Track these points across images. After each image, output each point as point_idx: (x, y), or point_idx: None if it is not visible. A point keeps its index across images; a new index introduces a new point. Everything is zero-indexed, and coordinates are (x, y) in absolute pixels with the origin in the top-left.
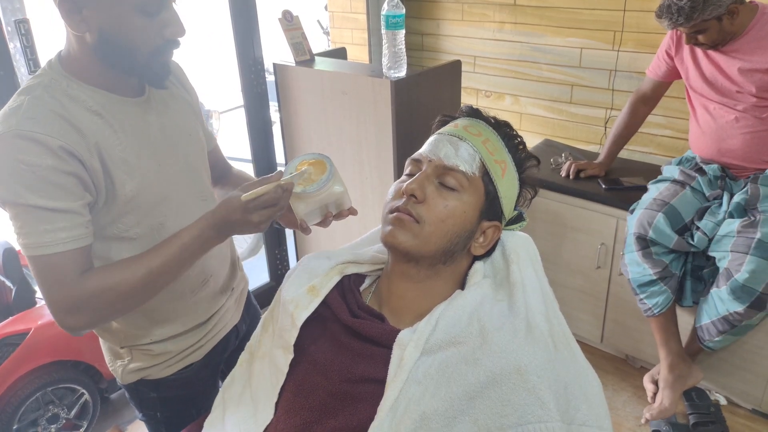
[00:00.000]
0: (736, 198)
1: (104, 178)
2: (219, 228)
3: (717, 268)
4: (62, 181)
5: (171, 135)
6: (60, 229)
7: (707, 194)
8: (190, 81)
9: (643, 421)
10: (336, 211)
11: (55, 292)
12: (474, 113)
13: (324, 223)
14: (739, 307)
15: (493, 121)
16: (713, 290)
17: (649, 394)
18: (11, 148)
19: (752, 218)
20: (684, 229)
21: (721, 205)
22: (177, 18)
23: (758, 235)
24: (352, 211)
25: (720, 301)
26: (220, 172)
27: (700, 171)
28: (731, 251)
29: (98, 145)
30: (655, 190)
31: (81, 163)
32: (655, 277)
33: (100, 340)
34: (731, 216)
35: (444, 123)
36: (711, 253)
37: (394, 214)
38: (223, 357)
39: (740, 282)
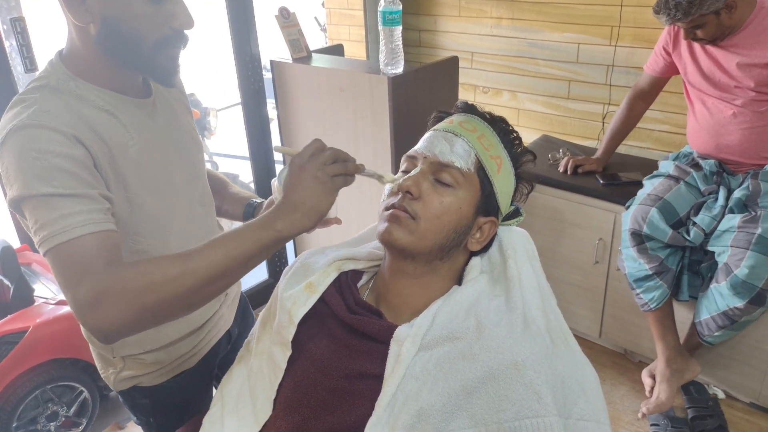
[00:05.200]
0: (737, 194)
1: (116, 183)
2: (279, 210)
3: (715, 263)
4: (76, 169)
5: (178, 138)
6: (76, 213)
7: (702, 189)
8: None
9: (639, 415)
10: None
11: (76, 285)
12: (469, 109)
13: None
14: (739, 303)
15: (488, 116)
16: (713, 285)
17: (647, 388)
18: (22, 138)
19: (753, 214)
20: (679, 224)
21: (716, 200)
22: (185, 9)
23: (759, 231)
24: (338, 221)
25: (720, 297)
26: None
27: (696, 166)
28: (731, 246)
29: (111, 148)
30: (649, 186)
31: (93, 160)
32: (651, 272)
33: (90, 346)
34: (731, 212)
35: (439, 119)
36: (710, 248)
37: (390, 210)
38: (216, 362)
39: (740, 278)
